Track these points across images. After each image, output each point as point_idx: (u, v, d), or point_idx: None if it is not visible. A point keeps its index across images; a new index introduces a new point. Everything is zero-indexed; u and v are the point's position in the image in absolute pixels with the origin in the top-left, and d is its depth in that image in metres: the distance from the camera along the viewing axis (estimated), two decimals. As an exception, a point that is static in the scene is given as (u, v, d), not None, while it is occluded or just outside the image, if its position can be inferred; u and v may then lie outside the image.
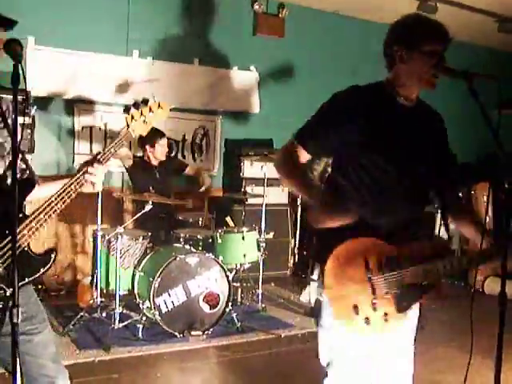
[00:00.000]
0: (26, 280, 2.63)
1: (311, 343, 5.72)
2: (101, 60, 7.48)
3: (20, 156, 2.66)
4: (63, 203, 2.67)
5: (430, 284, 2.72)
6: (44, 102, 6.93)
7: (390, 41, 2.86)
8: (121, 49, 7.64)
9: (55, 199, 2.65)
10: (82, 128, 7.50)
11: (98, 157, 2.82)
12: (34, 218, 2.59)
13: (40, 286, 6.45)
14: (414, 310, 2.86)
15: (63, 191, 2.67)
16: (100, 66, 7.47)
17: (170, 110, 3.19)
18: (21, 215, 2.59)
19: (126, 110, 3.02)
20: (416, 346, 2.99)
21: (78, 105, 7.44)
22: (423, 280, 2.69)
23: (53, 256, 2.73)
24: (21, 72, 2.18)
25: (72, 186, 2.70)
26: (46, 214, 2.62)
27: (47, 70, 6.99)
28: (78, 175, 2.73)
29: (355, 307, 2.66)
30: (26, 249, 2.61)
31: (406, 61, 2.76)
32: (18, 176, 2.78)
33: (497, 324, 2.31)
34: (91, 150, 7.50)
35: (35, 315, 2.75)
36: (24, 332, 2.65)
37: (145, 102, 3.06)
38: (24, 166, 2.80)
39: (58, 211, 2.66)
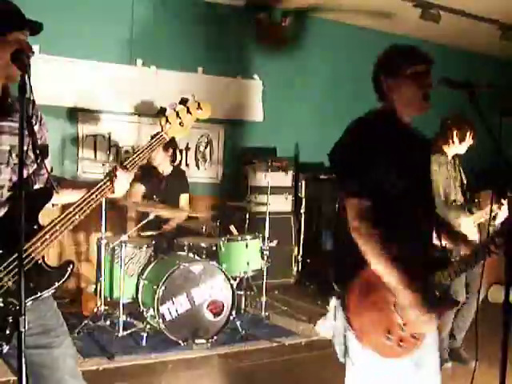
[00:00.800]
0: (39, 294, 2.55)
1: (315, 352, 5.76)
2: (105, 69, 7.51)
3: (44, 164, 2.63)
4: (82, 214, 2.59)
5: (442, 295, 2.78)
6: (48, 111, 6.91)
7: (375, 74, 2.93)
8: (125, 57, 7.67)
9: (73, 210, 2.57)
10: (86, 136, 7.52)
11: (125, 163, 2.73)
12: (49, 230, 2.52)
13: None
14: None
15: (83, 201, 2.60)
16: (104, 75, 7.51)
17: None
18: (35, 226, 2.53)
19: (161, 111, 2.83)
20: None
21: (81, 113, 7.47)
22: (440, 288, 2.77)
23: (69, 269, 2.63)
24: (28, 82, 2.18)
25: (93, 196, 2.62)
26: (62, 225, 2.54)
27: (51, 78, 7.00)
28: (101, 183, 2.66)
29: (388, 332, 2.68)
30: (39, 262, 2.53)
31: (394, 89, 2.84)
32: (41, 185, 2.77)
33: (501, 332, 2.31)
34: (95, 159, 7.53)
35: (54, 328, 2.69)
36: (42, 345, 2.63)
37: (183, 102, 2.89)
38: (46, 175, 2.74)
39: (76, 222, 2.58)
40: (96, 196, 2.64)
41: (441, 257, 2.87)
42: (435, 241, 2.96)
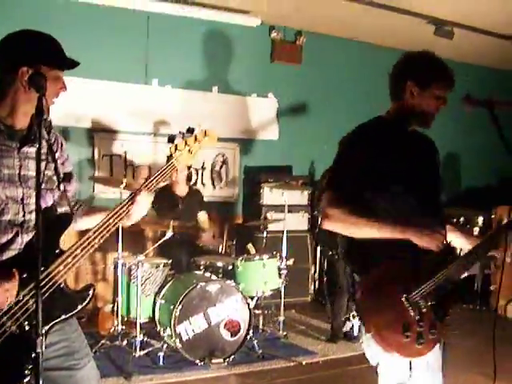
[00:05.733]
0: (62, 317, 2.57)
1: (333, 370, 5.72)
2: (120, 88, 7.56)
3: (62, 189, 2.66)
4: (101, 238, 2.63)
5: (453, 288, 2.80)
6: (64, 131, 6.98)
7: (402, 73, 3.04)
8: (140, 77, 7.72)
9: (93, 234, 2.61)
10: (102, 156, 7.56)
11: (141, 186, 2.78)
12: (71, 254, 2.55)
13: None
14: None
15: (102, 225, 2.63)
16: (120, 95, 7.56)
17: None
18: (57, 251, 2.56)
19: (170, 139, 2.93)
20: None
21: (97, 133, 7.51)
22: (452, 281, 2.78)
23: (90, 293, 2.66)
24: (45, 104, 2.22)
25: (111, 220, 2.65)
26: (83, 249, 2.57)
27: (67, 99, 7.02)
28: (119, 208, 2.70)
29: (405, 330, 2.68)
30: (62, 285, 2.56)
31: (415, 97, 2.96)
32: (64, 209, 2.80)
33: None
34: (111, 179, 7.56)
35: (77, 350, 2.71)
36: (66, 367, 2.64)
37: (190, 130, 2.97)
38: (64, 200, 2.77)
39: (96, 246, 2.62)
40: (113, 220, 2.67)
41: (447, 251, 2.89)
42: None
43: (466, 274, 2.85)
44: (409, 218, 2.82)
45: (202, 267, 6.09)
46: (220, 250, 6.99)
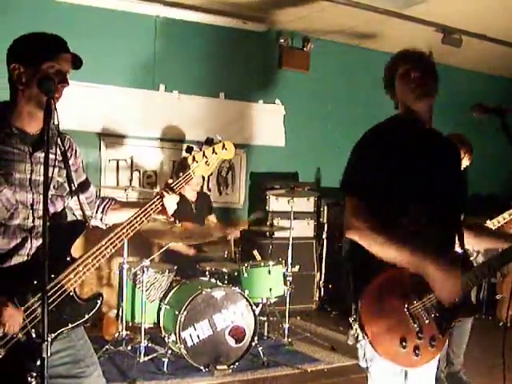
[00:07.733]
0: (70, 326, 2.59)
1: (337, 378, 5.69)
2: (128, 94, 7.55)
3: (75, 196, 2.68)
4: (113, 247, 2.65)
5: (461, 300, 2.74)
6: (71, 135, 6.95)
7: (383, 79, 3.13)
8: (148, 83, 7.72)
9: (105, 243, 2.62)
10: (109, 161, 7.55)
11: (172, 185, 2.86)
12: (82, 262, 2.56)
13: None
14: None
15: (114, 234, 2.67)
16: (127, 100, 7.55)
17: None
18: (68, 258, 2.57)
19: (188, 150, 2.94)
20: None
21: (104, 138, 7.51)
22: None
23: (99, 302, 2.70)
24: (54, 108, 2.21)
25: (139, 217, 2.74)
26: (94, 258, 2.58)
27: (75, 103, 7.03)
28: (149, 204, 2.79)
29: (402, 340, 2.64)
30: (71, 294, 2.57)
31: (396, 89, 3.01)
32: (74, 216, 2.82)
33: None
34: (117, 183, 7.56)
35: (83, 358, 2.71)
36: (71, 375, 2.64)
37: (209, 142, 2.99)
38: (78, 207, 2.78)
39: (108, 256, 2.64)
40: (140, 218, 2.74)
41: (463, 259, 2.85)
42: (458, 247, 2.95)
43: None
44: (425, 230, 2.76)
45: (207, 273, 6.06)
46: (225, 256, 6.96)
